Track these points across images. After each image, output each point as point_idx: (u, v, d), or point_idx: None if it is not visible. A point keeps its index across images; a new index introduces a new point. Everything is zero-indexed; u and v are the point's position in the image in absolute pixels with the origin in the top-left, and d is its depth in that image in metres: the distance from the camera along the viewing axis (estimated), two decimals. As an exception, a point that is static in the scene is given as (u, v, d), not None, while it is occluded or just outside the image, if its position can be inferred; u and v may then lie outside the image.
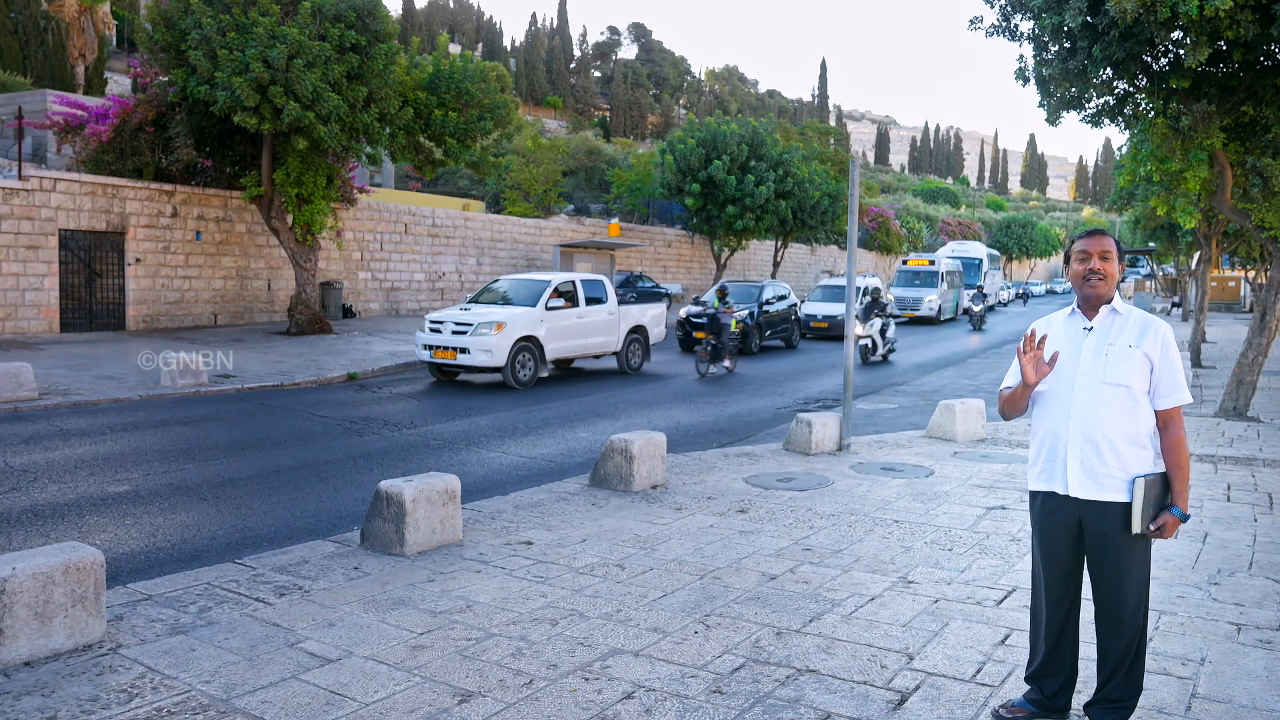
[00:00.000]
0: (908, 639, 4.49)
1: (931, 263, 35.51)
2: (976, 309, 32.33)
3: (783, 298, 23.18)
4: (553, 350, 15.28)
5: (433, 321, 15.02)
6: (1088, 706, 3.54)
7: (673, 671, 4.07)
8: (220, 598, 4.88)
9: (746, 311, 20.95)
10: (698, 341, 20.68)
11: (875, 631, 4.58)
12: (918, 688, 3.95)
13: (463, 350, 14.33)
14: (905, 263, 36.51)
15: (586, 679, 3.99)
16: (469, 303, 16.05)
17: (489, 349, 14.16)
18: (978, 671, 4.13)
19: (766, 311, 22.01)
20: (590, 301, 16.21)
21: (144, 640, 4.28)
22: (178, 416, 11.19)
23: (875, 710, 3.74)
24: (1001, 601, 5.04)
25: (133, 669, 3.97)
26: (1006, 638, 4.51)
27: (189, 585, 5.05)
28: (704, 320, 19.84)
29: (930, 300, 33.53)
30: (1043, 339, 3.45)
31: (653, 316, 17.92)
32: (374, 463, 9.02)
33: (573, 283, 16.08)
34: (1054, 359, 3.43)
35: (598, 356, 16.92)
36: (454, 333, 14.60)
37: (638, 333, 17.35)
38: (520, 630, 4.51)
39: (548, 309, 15.18)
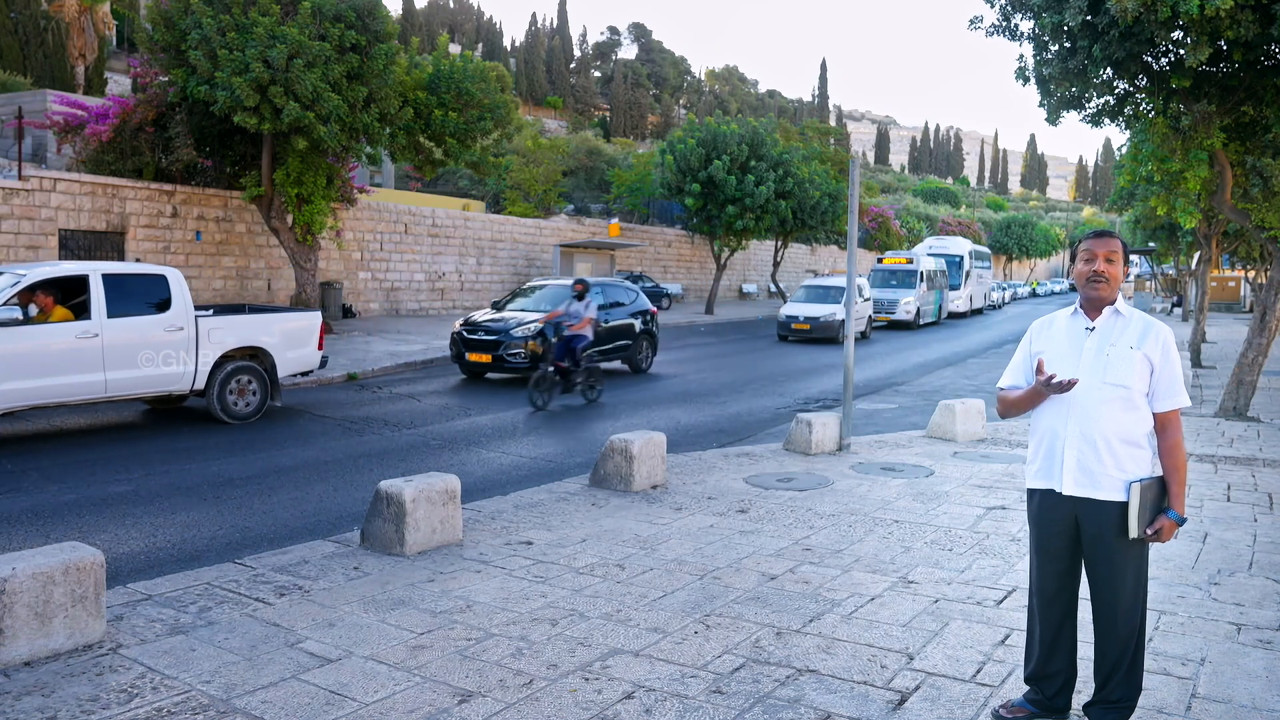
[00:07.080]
0: (908, 639, 4.49)
1: (910, 261, 33.35)
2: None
3: (622, 304, 16.93)
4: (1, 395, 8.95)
5: None
6: (1087, 707, 3.54)
7: (673, 671, 4.07)
8: (220, 598, 4.88)
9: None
10: (479, 367, 14.78)
11: (875, 631, 4.58)
12: (918, 688, 3.95)
13: None
14: (881, 261, 34.31)
15: (586, 679, 3.99)
16: None
17: None
18: (978, 671, 4.13)
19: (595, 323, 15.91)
20: (128, 309, 9.89)
21: (144, 640, 4.28)
22: (177, 416, 11.18)
23: (875, 710, 3.74)
24: (1001, 601, 5.04)
25: (133, 669, 3.97)
26: (1006, 638, 4.51)
27: (189, 585, 5.05)
28: (490, 334, 14.59)
29: (907, 303, 30.88)
30: (1051, 377, 3.41)
31: (285, 332, 11.45)
32: (374, 463, 9.02)
33: (84, 278, 9.62)
34: (1052, 378, 3.40)
35: (163, 400, 11.04)
36: None
37: (251, 358, 11.06)
38: (520, 630, 4.51)
39: None
